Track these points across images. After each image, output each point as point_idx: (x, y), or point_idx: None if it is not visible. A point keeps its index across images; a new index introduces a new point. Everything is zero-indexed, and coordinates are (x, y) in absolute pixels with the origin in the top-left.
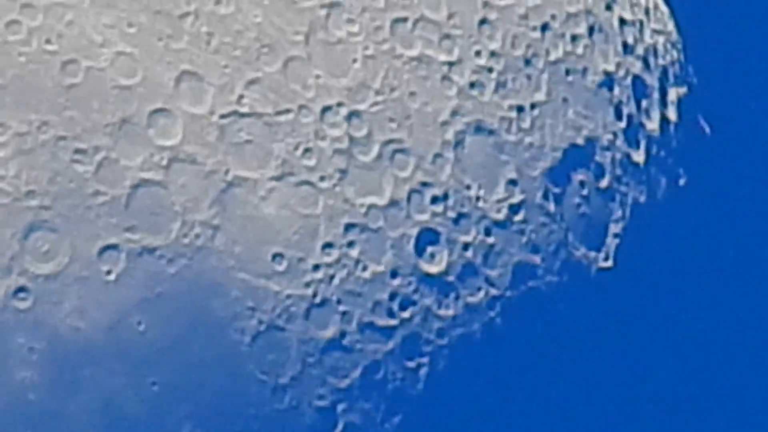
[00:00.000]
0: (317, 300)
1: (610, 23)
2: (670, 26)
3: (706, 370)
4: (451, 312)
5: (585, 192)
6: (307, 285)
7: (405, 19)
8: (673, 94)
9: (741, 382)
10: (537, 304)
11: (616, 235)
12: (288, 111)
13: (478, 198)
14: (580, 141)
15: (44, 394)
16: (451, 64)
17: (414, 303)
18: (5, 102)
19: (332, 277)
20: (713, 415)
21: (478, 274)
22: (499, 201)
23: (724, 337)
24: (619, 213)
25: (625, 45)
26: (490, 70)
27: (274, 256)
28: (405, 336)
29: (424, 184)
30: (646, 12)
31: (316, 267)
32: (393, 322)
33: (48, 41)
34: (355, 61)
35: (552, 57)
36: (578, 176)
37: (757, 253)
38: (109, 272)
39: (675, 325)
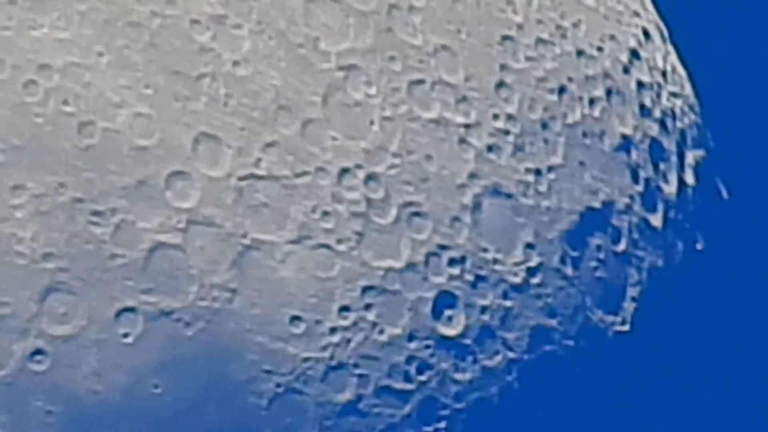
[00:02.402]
0: (334, 363)
1: (627, 86)
2: (688, 89)
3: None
4: (468, 376)
5: (602, 256)
6: (324, 348)
7: (422, 82)
8: (690, 157)
9: None
10: (554, 368)
11: (633, 299)
12: (305, 173)
13: (495, 261)
14: (597, 204)
15: None
16: (468, 126)
17: (431, 367)
18: (23, 163)
19: (349, 341)
20: None
21: (495, 337)
22: (516, 264)
23: (743, 403)
24: (636, 277)
25: (642, 108)
26: (507, 132)
27: (292, 319)
28: (422, 400)
29: (442, 247)
30: (664, 75)
31: (333, 330)
32: (410, 386)
33: (65, 102)
34: (372, 123)
35: (569, 120)
36: (595, 240)
37: None
38: (126, 335)
39: (692, 390)
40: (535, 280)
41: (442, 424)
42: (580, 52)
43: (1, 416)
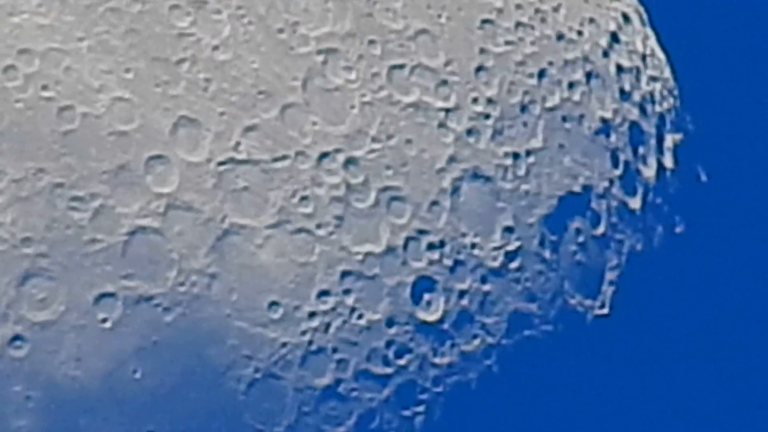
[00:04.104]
0: (313, 348)
1: (607, 70)
2: (667, 73)
3: (703, 418)
4: (446, 360)
5: (581, 239)
6: (303, 333)
7: (402, 66)
8: (669, 140)
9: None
10: (533, 352)
11: (611, 283)
12: (285, 158)
13: (474, 245)
14: (576, 188)
15: None
16: (447, 110)
17: (410, 351)
18: (2, 148)
19: (328, 325)
20: None
21: (474, 321)
22: (495, 248)
23: (722, 385)
24: (615, 261)
25: (622, 92)
26: (487, 116)
27: (271, 304)
28: (401, 384)
29: (421, 232)
30: (643, 59)
31: (312, 315)
32: (389, 370)
33: (45, 87)
34: (352, 107)
35: (548, 104)
36: (574, 224)
37: (755, 300)
38: (105, 320)
39: (671, 373)
40: (514, 265)
41: (421, 408)
42: (559, 36)
43: None
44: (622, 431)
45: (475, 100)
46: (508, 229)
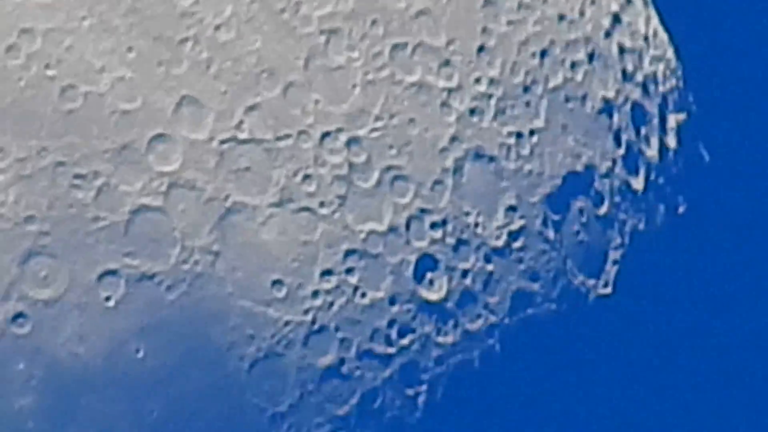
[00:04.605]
0: (316, 327)
1: (609, 50)
2: (670, 53)
3: (706, 397)
4: (450, 339)
5: (584, 219)
6: (306, 312)
7: (404, 45)
8: (672, 120)
9: (742, 412)
10: (536, 331)
11: (614, 263)
12: (287, 137)
13: (477, 225)
14: (579, 168)
15: (43, 422)
16: (450, 90)
17: (413, 330)
18: (4, 127)
19: (331, 304)
20: None
21: (477, 301)
22: (498, 228)
23: (725, 365)
24: (618, 240)
25: (624, 72)
26: (490, 96)
27: (273, 282)
28: (403, 363)
29: (424, 211)
30: (646, 39)
31: (315, 294)
32: (391, 349)
33: (47, 66)
34: (354, 86)
35: (551, 84)
36: (577, 203)
37: (757, 279)
38: (108, 298)
39: (675, 352)
40: (517, 244)
41: (424, 388)
42: (562, 16)
43: None
44: (624, 411)
45: (477, 80)
46: (511, 209)
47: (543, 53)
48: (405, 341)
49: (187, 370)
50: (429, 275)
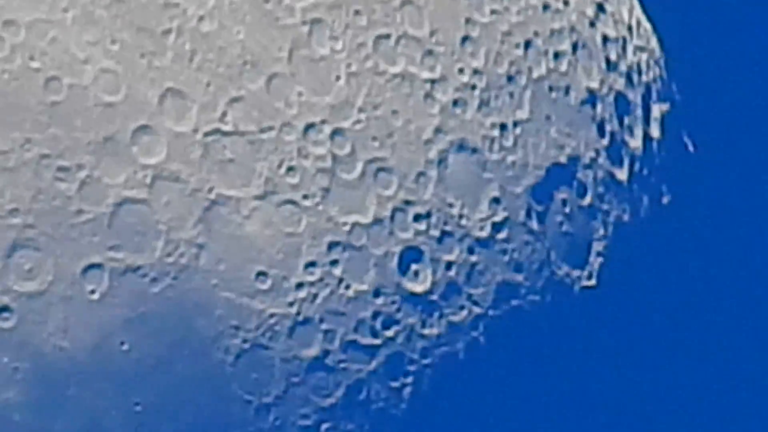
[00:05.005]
0: (300, 319)
1: (593, 40)
2: (653, 43)
3: (691, 387)
4: (434, 331)
5: (568, 210)
6: (291, 304)
7: (388, 36)
8: (656, 111)
9: (726, 402)
10: (520, 322)
11: (599, 254)
12: (271, 129)
13: (461, 216)
14: (562, 159)
15: (28, 414)
16: (433, 81)
17: (397, 322)
18: None
19: (315, 296)
20: None
21: (461, 292)
22: (482, 219)
23: (708, 356)
24: (602, 231)
25: (608, 62)
26: (473, 87)
27: (258, 274)
28: (388, 355)
29: (408, 203)
30: (629, 29)
31: (300, 285)
32: (376, 341)
33: (31, 58)
34: (338, 78)
35: (535, 74)
36: (561, 194)
37: (742, 270)
38: (92, 291)
39: (658, 343)
40: (501, 235)
41: (409, 380)
42: (545, 6)
43: None
44: (609, 402)
45: (461, 71)
46: (495, 200)
47: (527, 44)
48: (390, 333)
49: (173, 362)
50: (413, 267)
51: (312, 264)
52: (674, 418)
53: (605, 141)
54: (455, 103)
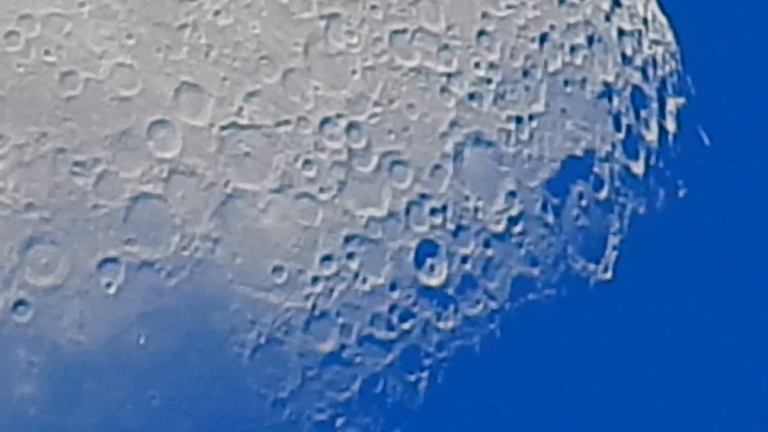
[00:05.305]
0: (316, 313)
1: (609, 34)
2: (669, 36)
3: (707, 382)
4: (450, 325)
5: (584, 203)
6: (307, 298)
7: (404, 31)
8: (671, 104)
9: (742, 397)
10: (536, 316)
11: (615, 247)
12: (287, 122)
13: (477, 210)
14: (578, 152)
15: (44, 408)
16: (449, 75)
17: (413, 316)
18: (4, 114)
19: (331, 290)
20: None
21: (477, 286)
22: (498, 213)
23: (725, 349)
24: (618, 225)
25: (624, 56)
26: (489, 81)
27: (274, 268)
28: (404, 349)
29: (423, 196)
30: (645, 22)
31: (316, 279)
32: (392, 335)
33: (47, 52)
34: (354, 72)
35: (551, 68)
36: (577, 188)
37: (758, 264)
38: (108, 285)
39: (675, 337)
40: (517, 229)
41: (425, 374)
42: (561, 0)
43: None
44: (624, 397)
45: (477, 65)
46: (511, 194)
47: (542, 37)
48: (405, 327)
49: (188, 356)
50: (429, 261)
51: (328, 258)
52: (692, 413)
53: (621, 134)
54: (471, 96)
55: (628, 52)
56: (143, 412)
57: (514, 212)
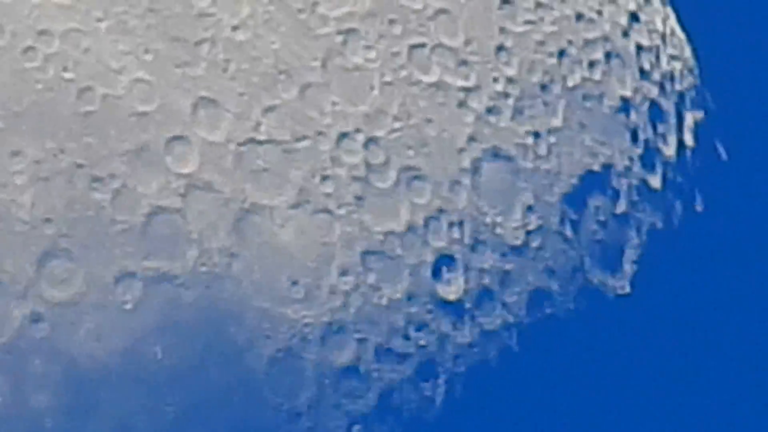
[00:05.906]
0: (334, 326)
1: (627, 49)
2: (687, 52)
3: (727, 396)
4: (467, 338)
5: (601, 218)
6: (324, 312)
7: (422, 46)
8: (689, 119)
9: (764, 412)
10: (553, 330)
11: (632, 261)
12: (305, 138)
13: (495, 224)
14: (596, 167)
15: (61, 421)
16: (468, 90)
17: (430, 329)
18: (22, 129)
19: (348, 305)
20: None
21: (494, 300)
22: (515, 227)
23: (744, 362)
24: (636, 239)
25: (641, 71)
26: (507, 96)
27: (291, 283)
28: (421, 362)
29: (441, 211)
30: (663, 38)
31: (333, 294)
32: (409, 348)
33: (65, 68)
34: (372, 87)
35: (569, 83)
36: (595, 202)
37: None
38: (125, 300)
39: (692, 351)
40: (535, 243)
41: (442, 387)
42: (579, 16)
43: (1, 381)
44: (642, 410)
45: (495, 80)
46: (529, 208)
47: (560, 52)
48: (422, 340)
49: (205, 369)
50: (446, 275)
51: (345, 272)
52: (712, 428)
53: (639, 149)
54: (489, 111)
55: (646, 67)
56: (159, 424)
57: (532, 226)
